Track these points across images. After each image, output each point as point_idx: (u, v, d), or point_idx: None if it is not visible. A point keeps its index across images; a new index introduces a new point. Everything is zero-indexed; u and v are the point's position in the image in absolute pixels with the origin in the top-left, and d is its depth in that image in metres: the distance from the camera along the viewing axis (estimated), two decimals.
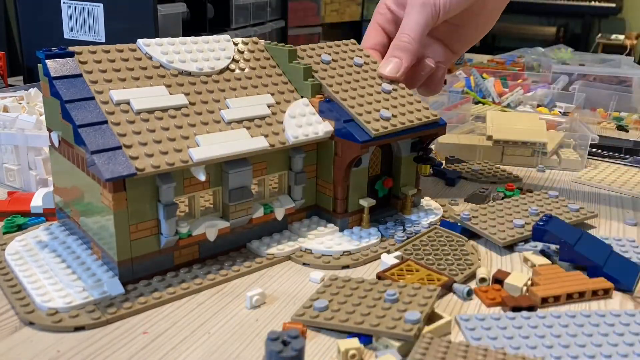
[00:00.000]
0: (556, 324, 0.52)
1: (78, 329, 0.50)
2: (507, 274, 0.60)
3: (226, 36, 0.70)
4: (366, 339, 0.50)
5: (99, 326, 0.51)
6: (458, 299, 0.58)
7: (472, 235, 0.70)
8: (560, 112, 1.26)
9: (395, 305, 0.52)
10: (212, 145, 0.58)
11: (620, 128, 1.25)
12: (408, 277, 0.59)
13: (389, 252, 0.65)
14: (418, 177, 0.77)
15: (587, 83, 1.42)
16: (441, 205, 0.79)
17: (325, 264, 0.63)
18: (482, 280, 0.60)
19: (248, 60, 0.69)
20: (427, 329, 0.50)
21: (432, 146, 1.03)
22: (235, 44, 0.70)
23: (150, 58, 0.62)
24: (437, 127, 0.73)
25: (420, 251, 0.65)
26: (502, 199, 0.81)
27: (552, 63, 1.63)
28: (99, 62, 0.59)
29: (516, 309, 0.55)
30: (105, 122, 0.54)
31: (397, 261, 0.62)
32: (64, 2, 1.23)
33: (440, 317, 0.52)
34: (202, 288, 0.58)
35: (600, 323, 0.53)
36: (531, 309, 0.56)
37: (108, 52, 0.60)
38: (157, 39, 0.64)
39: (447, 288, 0.59)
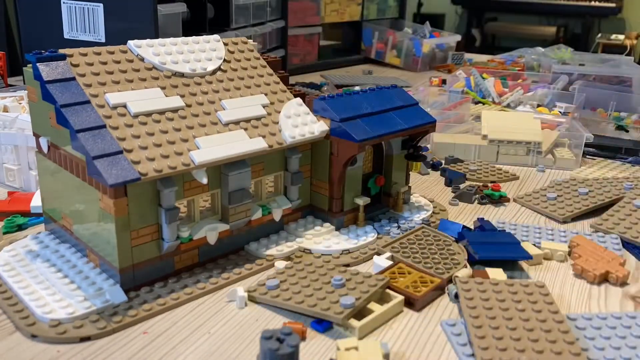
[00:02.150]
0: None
1: (84, 339, 0.50)
2: (485, 273, 0.60)
3: (216, 36, 0.70)
4: (327, 324, 0.52)
5: (105, 336, 0.50)
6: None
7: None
8: (560, 112, 1.26)
9: (339, 290, 0.55)
10: (212, 148, 0.58)
11: (620, 128, 1.25)
12: (400, 280, 0.59)
13: (378, 253, 0.65)
14: (408, 175, 0.77)
15: (587, 83, 1.42)
16: (440, 205, 0.80)
17: (326, 263, 0.63)
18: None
19: (239, 61, 0.70)
20: (379, 309, 0.53)
21: (429, 145, 1.03)
22: (226, 44, 0.70)
23: (143, 60, 0.62)
24: (427, 124, 0.73)
25: (407, 249, 0.65)
26: (486, 197, 0.83)
27: (552, 63, 1.63)
28: (91, 64, 0.58)
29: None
30: (104, 126, 0.54)
31: (389, 263, 0.62)
32: (64, 2, 1.23)
33: (393, 298, 0.55)
34: (205, 292, 0.57)
35: (602, 326, 0.52)
36: None
37: (99, 54, 0.60)
38: (147, 40, 0.64)
39: (441, 289, 0.59)
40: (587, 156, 1.05)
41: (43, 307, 0.52)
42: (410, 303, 0.56)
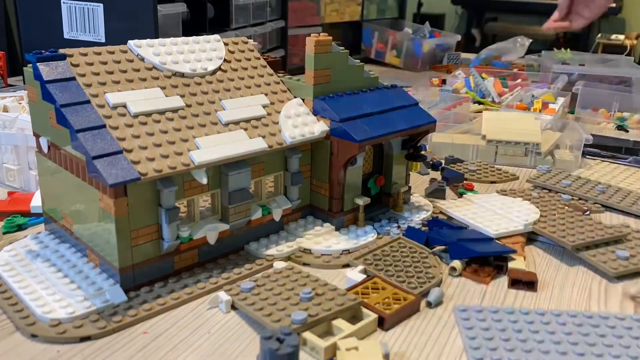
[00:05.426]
0: (553, 321, 0.53)
1: (84, 339, 0.50)
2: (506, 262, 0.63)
3: (216, 36, 0.70)
4: None
5: (105, 335, 0.50)
6: (458, 286, 0.59)
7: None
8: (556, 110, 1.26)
9: (304, 303, 0.53)
10: (212, 148, 0.58)
11: (620, 128, 1.25)
12: (373, 295, 0.56)
13: (349, 265, 0.62)
14: (408, 175, 0.77)
15: (589, 83, 1.42)
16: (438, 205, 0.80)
17: (326, 263, 0.64)
18: (452, 269, 0.62)
19: (239, 61, 0.70)
20: (349, 329, 0.50)
21: (427, 145, 1.03)
22: (226, 44, 0.70)
23: (143, 59, 0.62)
24: (427, 124, 0.73)
25: (380, 262, 0.62)
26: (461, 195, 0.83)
27: (552, 63, 1.63)
28: (91, 64, 0.58)
29: (516, 281, 0.59)
30: (104, 126, 0.54)
31: (363, 276, 0.59)
32: (64, 2, 1.23)
33: (366, 316, 0.53)
34: (205, 292, 0.57)
35: (600, 324, 0.53)
36: (530, 284, 0.59)
37: (99, 54, 0.59)
38: (147, 40, 0.63)
39: (415, 306, 0.55)
40: (587, 157, 1.05)
41: (43, 306, 0.52)
42: (381, 321, 0.53)
